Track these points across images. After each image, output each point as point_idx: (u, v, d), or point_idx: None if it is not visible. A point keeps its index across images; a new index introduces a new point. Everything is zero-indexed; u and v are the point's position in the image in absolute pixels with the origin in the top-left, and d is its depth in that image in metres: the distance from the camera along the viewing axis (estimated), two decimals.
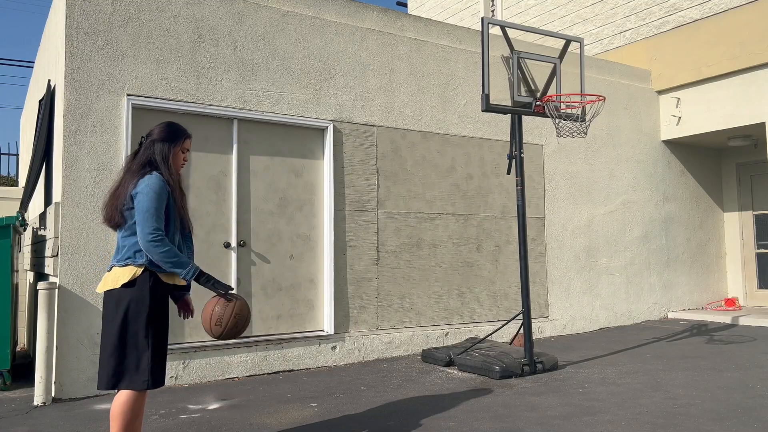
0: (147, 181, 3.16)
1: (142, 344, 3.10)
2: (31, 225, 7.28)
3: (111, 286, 3.15)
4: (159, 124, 3.39)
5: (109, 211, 3.23)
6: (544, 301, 8.13)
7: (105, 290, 3.17)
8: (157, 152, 3.28)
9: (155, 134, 3.33)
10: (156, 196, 3.13)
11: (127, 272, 3.14)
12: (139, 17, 5.66)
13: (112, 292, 3.15)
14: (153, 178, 3.17)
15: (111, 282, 3.16)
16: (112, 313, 3.12)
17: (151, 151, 3.29)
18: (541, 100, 6.01)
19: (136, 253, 3.16)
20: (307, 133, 6.58)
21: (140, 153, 3.31)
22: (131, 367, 3.09)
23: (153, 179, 3.17)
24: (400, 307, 6.92)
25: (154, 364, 3.13)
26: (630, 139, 9.41)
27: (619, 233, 9.10)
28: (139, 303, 3.12)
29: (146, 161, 3.27)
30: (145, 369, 3.09)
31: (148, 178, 3.17)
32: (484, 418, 4.31)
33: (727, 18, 8.96)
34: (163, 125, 3.37)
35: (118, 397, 3.12)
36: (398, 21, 7.25)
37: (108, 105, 5.47)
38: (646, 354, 6.68)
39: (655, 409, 4.47)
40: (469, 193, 7.57)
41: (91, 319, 5.23)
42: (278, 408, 4.69)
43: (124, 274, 3.14)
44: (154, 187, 3.14)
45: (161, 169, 3.25)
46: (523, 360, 5.78)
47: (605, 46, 10.85)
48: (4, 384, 5.47)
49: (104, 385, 3.08)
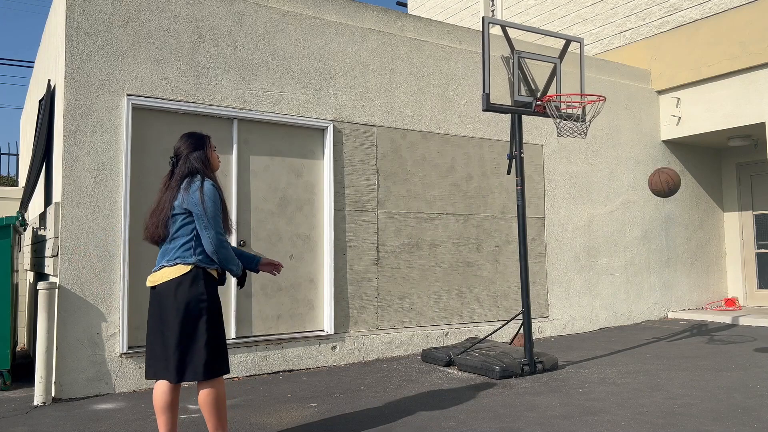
0: (204, 188, 3.39)
1: (202, 336, 3.33)
2: (31, 225, 7.28)
3: (162, 280, 3.39)
4: (179, 139, 3.59)
5: (151, 230, 3.46)
6: (544, 301, 8.13)
7: (158, 283, 3.40)
8: (196, 161, 3.51)
9: (183, 148, 3.53)
10: (216, 199, 3.40)
11: (177, 270, 3.37)
12: (139, 17, 5.66)
13: (167, 289, 3.36)
14: (208, 184, 3.41)
15: (160, 277, 3.40)
16: (170, 309, 3.34)
17: (189, 163, 3.49)
18: (542, 99, 6.01)
19: (185, 252, 3.39)
20: (307, 133, 6.58)
21: (177, 169, 3.50)
22: (196, 359, 3.31)
23: (208, 185, 3.41)
24: (400, 307, 6.92)
25: (216, 353, 3.36)
26: (630, 139, 9.41)
27: (619, 233, 9.10)
28: (196, 298, 3.34)
29: (187, 173, 3.48)
30: (210, 359, 3.32)
31: (206, 185, 3.40)
32: (484, 418, 4.31)
33: (727, 18, 8.96)
34: (184, 138, 3.57)
35: (202, 390, 3.37)
36: (398, 21, 7.25)
37: (108, 105, 5.47)
38: (646, 354, 6.68)
39: (655, 409, 4.47)
40: (469, 193, 7.57)
41: (91, 319, 5.23)
42: (278, 408, 4.69)
43: (173, 271, 3.37)
44: (213, 192, 3.40)
45: (207, 175, 3.49)
46: (523, 360, 5.78)
47: (605, 46, 10.85)
48: (4, 384, 5.47)
49: (173, 378, 3.30)
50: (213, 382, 3.39)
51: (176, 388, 3.45)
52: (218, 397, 3.40)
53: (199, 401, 3.41)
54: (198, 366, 3.32)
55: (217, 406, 3.40)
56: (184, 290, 3.34)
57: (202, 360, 3.32)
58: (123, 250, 5.39)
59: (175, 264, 3.38)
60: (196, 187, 3.39)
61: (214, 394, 3.39)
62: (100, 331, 5.26)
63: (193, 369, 3.32)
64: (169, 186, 3.47)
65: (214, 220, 3.37)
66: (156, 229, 3.44)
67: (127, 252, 5.41)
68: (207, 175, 3.49)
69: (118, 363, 5.31)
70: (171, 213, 3.42)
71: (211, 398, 3.39)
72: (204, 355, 3.32)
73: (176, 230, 3.41)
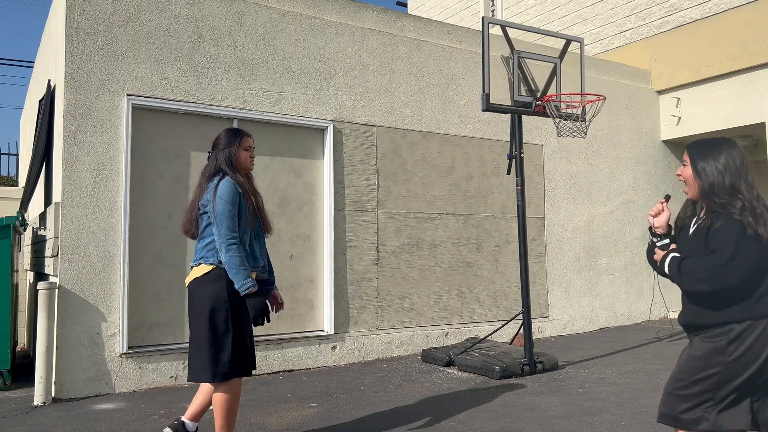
0: (220, 186, 3.35)
1: (222, 337, 3.30)
2: (31, 225, 7.28)
3: (189, 280, 3.43)
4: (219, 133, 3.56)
5: (185, 225, 3.51)
6: (544, 301, 8.13)
7: (187, 283, 3.45)
8: (222, 159, 3.47)
9: (217, 145, 3.52)
10: (229, 199, 3.31)
11: (200, 270, 3.38)
12: (139, 17, 5.65)
13: (193, 289, 3.39)
14: (224, 183, 3.37)
15: (189, 277, 3.43)
16: (195, 308, 3.36)
17: (216, 161, 3.48)
18: (542, 99, 6.01)
19: (208, 252, 3.38)
20: (307, 133, 6.58)
21: (207, 165, 3.51)
22: (214, 359, 3.29)
23: (224, 184, 3.36)
24: (400, 307, 6.92)
25: (235, 354, 3.31)
26: (630, 139, 9.41)
27: (619, 233, 9.10)
28: (216, 299, 3.31)
29: (214, 171, 3.46)
30: (226, 360, 3.28)
31: (222, 184, 3.36)
32: (484, 418, 4.31)
33: (727, 18, 8.96)
34: (222, 133, 3.55)
35: (215, 388, 3.35)
36: (398, 21, 7.25)
37: (108, 105, 5.47)
38: (646, 354, 6.68)
39: (655, 409, 4.47)
40: (469, 193, 7.57)
41: (91, 319, 5.23)
42: (278, 408, 4.69)
43: (197, 271, 3.39)
44: (227, 190, 3.33)
45: (229, 174, 3.42)
46: (523, 360, 5.78)
47: (605, 46, 10.85)
48: (4, 384, 5.47)
49: (192, 377, 3.33)
50: (222, 385, 3.32)
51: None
52: (224, 401, 3.32)
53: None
54: (205, 366, 3.29)
55: (222, 409, 3.32)
56: (203, 290, 3.32)
57: (207, 361, 3.29)
58: (123, 250, 5.39)
59: (199, 264, 3.39)
60: (212, 186, 3.37)
61: (219, 398, 3.33)
62: (100, 331, 5.26)
63: (202, 370, 3.30)
64: (200, 184, 3.49)
65: (221, 221, 3.28)
66: (188, 227, 3.48)
67: (127, 252, 5.41)
68: (230, 174, 3.41)
69: (118, 363, 5.31)
70: (199, 212, 3.43)
71: (217, 400, 3.33)
72: (208, 357, 3.28)
73: (203, 229, 3.42)
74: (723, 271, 2.29)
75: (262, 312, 3.33)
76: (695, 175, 2.48)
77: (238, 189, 3.37)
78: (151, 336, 5.58)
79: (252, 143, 3.57)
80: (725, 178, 2.40)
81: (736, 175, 2.40)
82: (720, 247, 2.32)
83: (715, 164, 2.43)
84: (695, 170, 2.48)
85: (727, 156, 2.43)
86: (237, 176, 3.42)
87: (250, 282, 3.27)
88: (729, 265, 2.28)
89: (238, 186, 3.38)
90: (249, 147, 3.53)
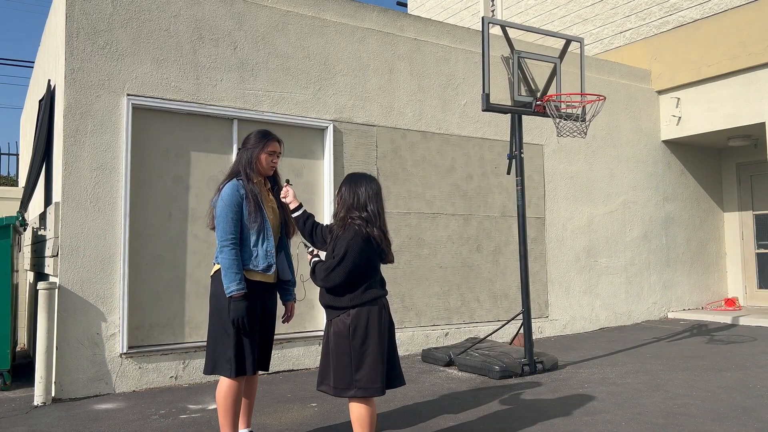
0: (224, 189, 3.41)
1: (229, 334, 3.35)
2: (31, 225, 7.28)
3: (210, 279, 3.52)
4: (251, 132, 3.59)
5: (209, 220, 3.56)
6: (544, 301, 8.13)
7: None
8: (242, 160, 3.50)
9: (245, 143, 3.55)
10: (229, 202, 3.36)
11: (214, 268, 3.49)
12: (139, 17, 5.65)
13: (210, 286, 3.50)
14: (227, 186, 3.40)
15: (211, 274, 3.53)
16: (210, 306, 3.46)
17: (235, 163, 3.54)
18: (542, 99, 6.01)
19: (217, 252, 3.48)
20: (307, 133, 6.58)
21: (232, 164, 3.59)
22: (221, 355, 3.36)
23: (227, 188, 3.40)
24: (400, 307, 6.92)
25: (239, 353, 3.35)
26: (630, 139, 9.41)
27: (619, 233, 9.10)
28: (220, 297, 3.38)
29: (233, 171, 3.51)
30: (231, 357, 3.33)
31: (226, 187, 3.41)
32: (484, 418, 4.31)
33: (727, 18, 8.96)
34: (253, 133, 3.58)
35: (219, 383, 3.41)
36: (398, 21, 7.25)
37: (108, 105, 5.47)
38: (646, 354, 6.68)
39: (655, 409, 4.47)
40: (469, 193, 7.57)
41: (91, 319, 5.23)
42: (278, 408, 4.69)
43: (213, 269, 3.50)
44: (227, 194, 3.38)
45: (242, 176, 3.46)
46: (523, 360, 5.78)
47: (605, 46, 10.85)
48: (4, 384, 5.47)
49: (204, 369, 3.43)
50: (222, 381, 3.40)
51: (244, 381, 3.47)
52: (222, 397, 3.39)
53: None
54: (207, 360, 3.42)
55: (219, 407, 3.40)
56: (212, 288, 3.45)
57: (208, 354, 3.42)
58: (123, 250, 5.39)
59: (215, 263, 3.49)
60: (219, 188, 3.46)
61: (218, 394, 3.41)
62: (100, 331, 5.26)
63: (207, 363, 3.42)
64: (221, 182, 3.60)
65: (218, 223, 3.37)
66: (210, 224, 3.53)
67: (127, 252, 5.41)
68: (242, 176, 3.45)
69: (118, 363, 5.31)
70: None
71: (217, 395, 3.42)
72: (210, 350, 3.41)
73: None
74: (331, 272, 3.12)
75: (240, 318, 3.31)
76: (338, 195, 3.30)
77: (241, 192, 3.40)
78: (151, 336, 5.58)
79: (278, 148, 3.58)
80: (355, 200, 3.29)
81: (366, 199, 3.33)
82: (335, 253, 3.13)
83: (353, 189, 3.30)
84: (338, 192, 3.28)
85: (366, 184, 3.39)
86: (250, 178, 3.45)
87: (235, 285, 3.30)
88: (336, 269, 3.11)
89: (242, 189, 3.41)
90: (273, 151, 3.55)
